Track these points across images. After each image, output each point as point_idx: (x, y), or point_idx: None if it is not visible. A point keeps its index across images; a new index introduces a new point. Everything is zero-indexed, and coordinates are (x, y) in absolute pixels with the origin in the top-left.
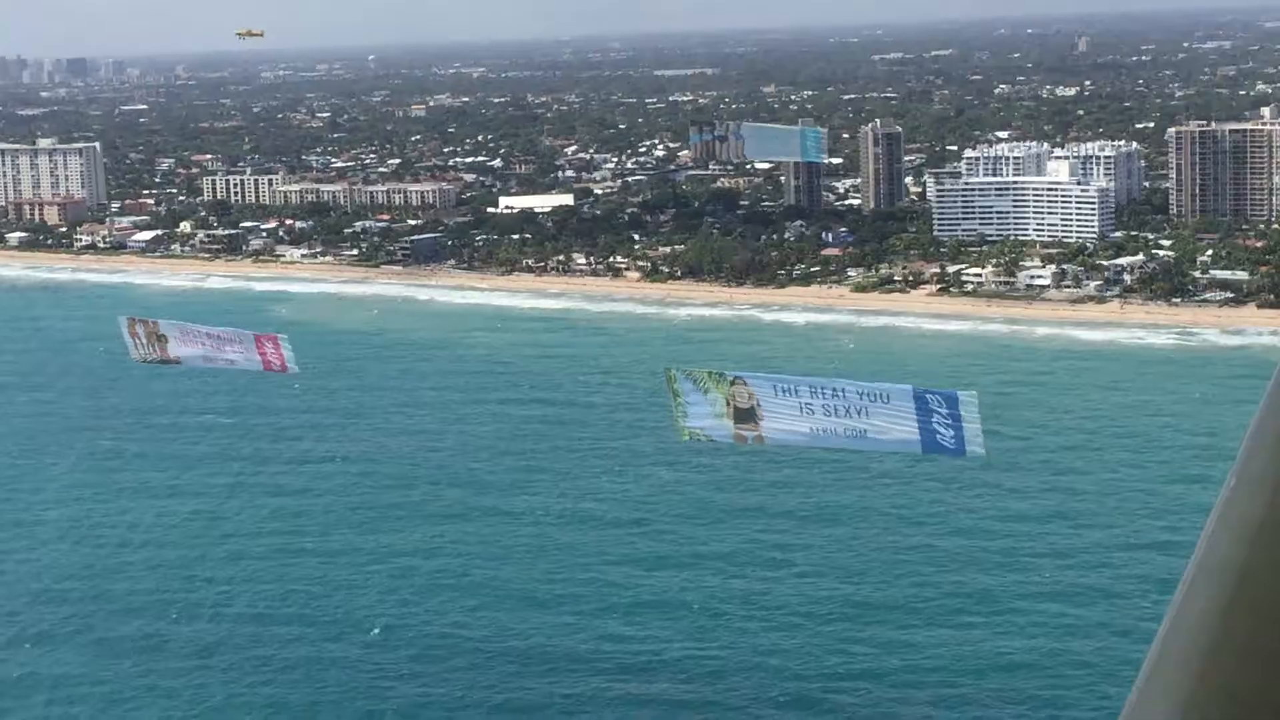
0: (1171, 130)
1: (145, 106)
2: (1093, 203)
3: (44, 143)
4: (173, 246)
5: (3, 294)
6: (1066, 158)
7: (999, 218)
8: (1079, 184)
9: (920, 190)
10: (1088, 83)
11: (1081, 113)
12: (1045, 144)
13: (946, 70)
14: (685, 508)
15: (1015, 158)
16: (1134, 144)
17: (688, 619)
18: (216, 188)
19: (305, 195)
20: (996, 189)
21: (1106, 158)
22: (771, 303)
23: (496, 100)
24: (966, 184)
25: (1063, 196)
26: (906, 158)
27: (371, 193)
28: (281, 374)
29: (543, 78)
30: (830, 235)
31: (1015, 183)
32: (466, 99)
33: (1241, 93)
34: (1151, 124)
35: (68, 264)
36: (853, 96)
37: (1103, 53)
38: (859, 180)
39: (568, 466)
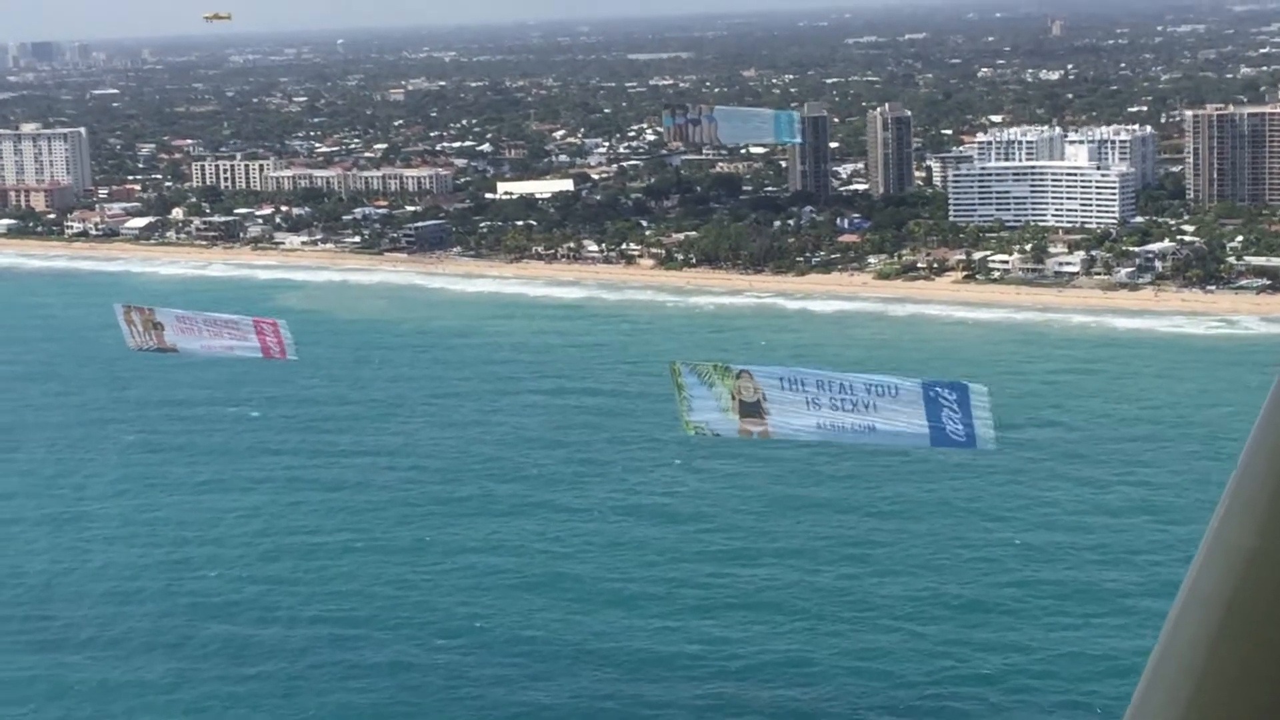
0: (1189, 114)
1: (116, 91)
2: (1113, 188)
3: (27, 128)
4: (168, 234)
5: (1, 283)
6: (1083, 142)
7: (1016, 203)
8: (1099, 169)
9: (924, 175)
10: (1069, 66)
11: (1071, 96)
12: (1057, 128)
13: (924, 54)
14: (751, 502)
15: (1029, 142)
16: (1148, 128)
17: (776, 618)
18: (205, 173)
19: (298, 181)
20: (1014, 174)
21: (1122, 142)
22: (793, 290)
23: (474, 84)
24: (983, 169)
25: (1082, 182)
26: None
27: (366, 178)
28: (282, 360)
29: (515, 62)
30: (846, 221)
31: (1033, 168)
32: (443, 83)
33: (1229, 76)
34: (1145, 108)
35: (61, 251)
36: (836, 80)
37: (1077, 37)
38: (860, 165)
39: (622, 459)
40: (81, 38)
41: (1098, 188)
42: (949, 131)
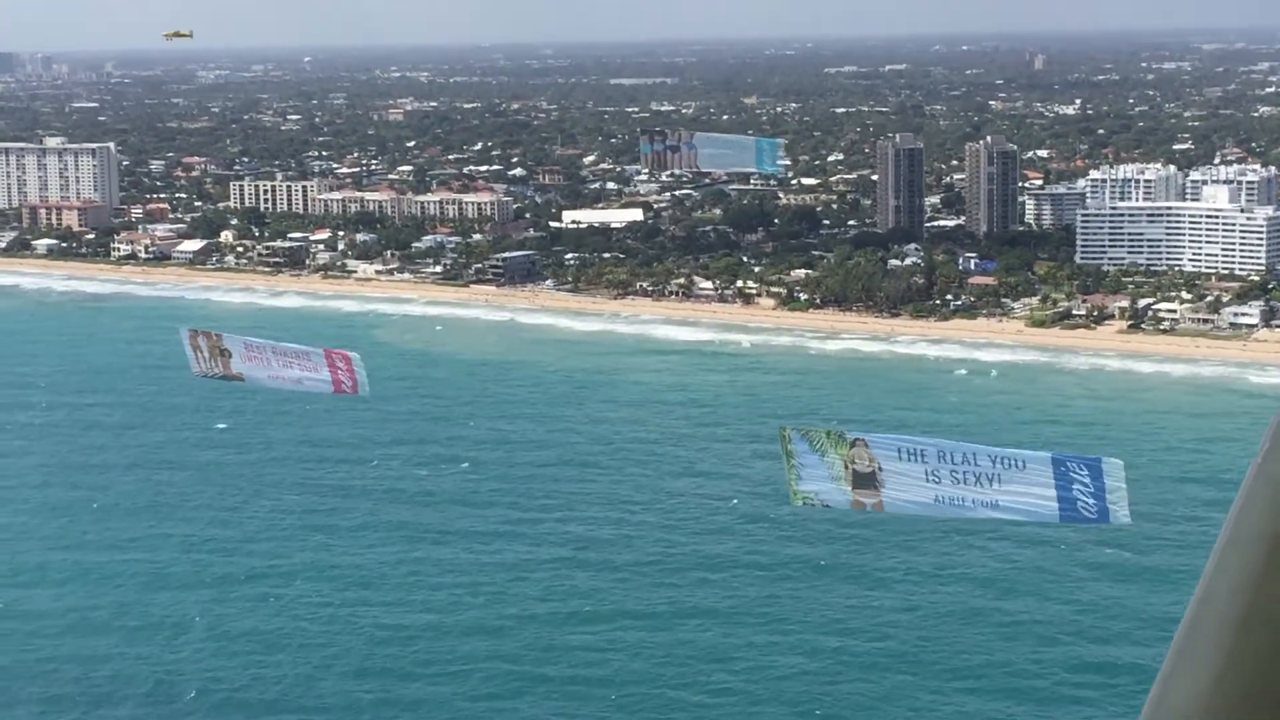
0: None
1: (96, 104)
2: (1260, 231)
3: (52, 142)
4: (225, 258)
5: (63, 309)
6: (1224, 182)
7: (1150, 246)
8: (1242, 210)
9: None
10: (1077, 101)
11: (1101, 132)
12: (1171, 167)
13: (915, 84)
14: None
15: (1146, 181)
16: (1271, 169)
17: None
18: (244, 194)
19: (348, 205)
20: (1149, 215)
21: (1249, 183)
22: (944, 337)
23: (467, 106)
24: (1114, 209)
25: (1224, 224)
26: (957, 177)
27: (422, 203)
28: (353, 395)
29: (495, 84)
30: (971, 262)
31: (1169, 209)
32: (434, 104)
33: (1255, 114)
34: (1190, 146)
35: (112, 275)
36: (847, 110)
37: (1062, 71)
38: (934, 200)
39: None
40: (38, 49)
41: (1242, 231)
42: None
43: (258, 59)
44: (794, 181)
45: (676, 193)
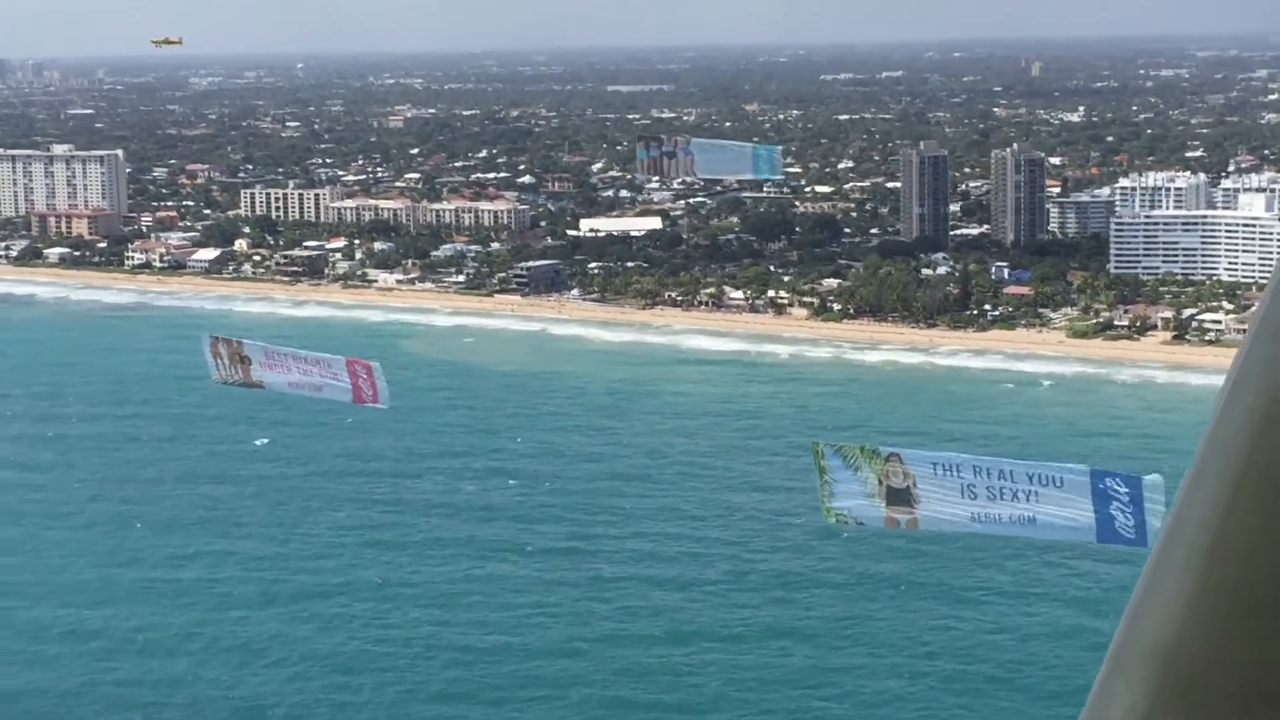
0: None
1: (92, 111)
2: None
3: (59, 149)
4: (243, 267)
5: (84, 319)
6: (1261, 190)
7: (1185, 255)
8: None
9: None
10: (1081, 108)
11: (1110, 139)
12: (1201, 175)
13: (914, 90)
14: None
15: (1177, 189)
16: None
17: None
18: (255, 202)
19: (362, 212)
20: (1184, 224)
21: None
22: (985, 348)
23: (466, 113)
24: (1148, 218)
25: (1262, 233)
26: (973, 184)
27: (437, 211)
28: (374, 405)
29: (492, 91)
30: (1005, 271)
31: (1205, 217)
32: (432, 110)
33: (1263, 121)
34: (1203, 153)
35: (128, 285)
36: (852, 118)
37: (1060, 78)
38: (954, 207)
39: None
40: (29, 55)
41: None
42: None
43: (249, 65)
44: (808, 189)
45: (690, 200)
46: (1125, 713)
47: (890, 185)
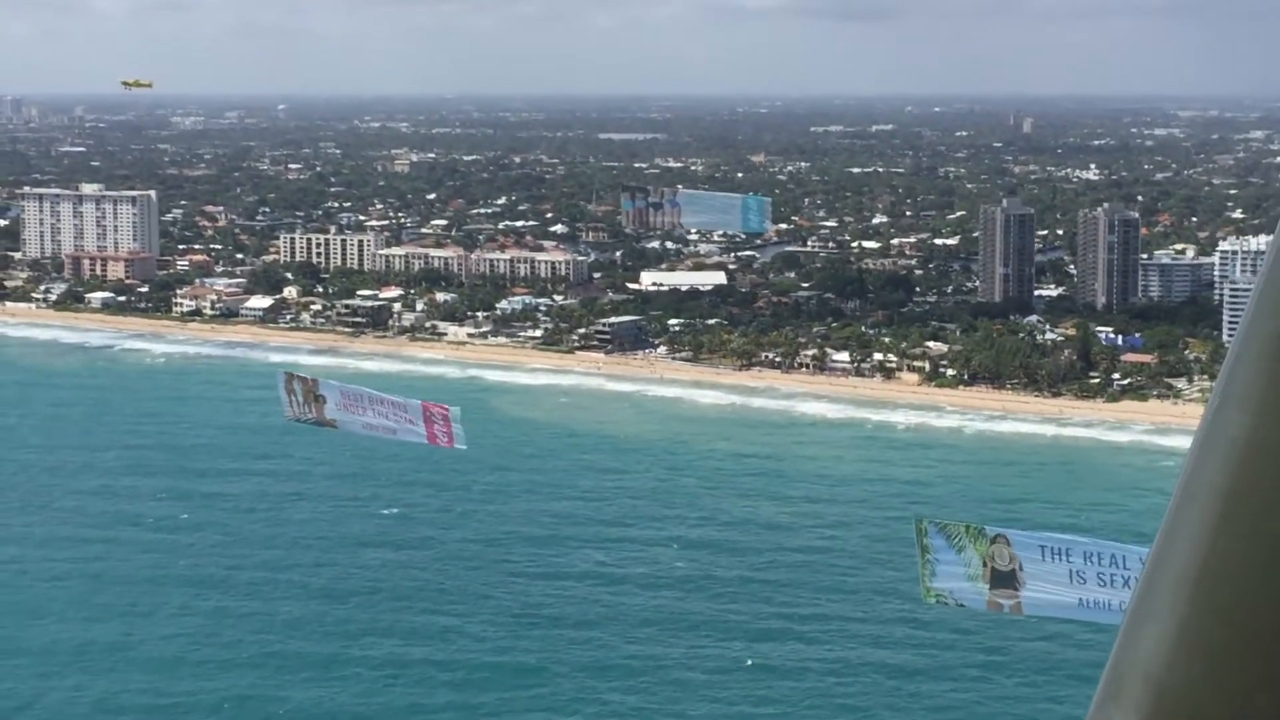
0: None
1: (83, 149)
2: None
3: (89, 189)
4: (301, 316)
5: (149, 370)
6: None
7: None
8: None
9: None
10: (1092, 166)
11: (1141, 198)
12: None
13: (912, 144)
14: None
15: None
16: None
17: None
18: (296, 247)
19: (411, 261)
20: None
21: None
22: (1121, 421)
23: (468, 158)
24: None
25: None
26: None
27: (491, 261)
28: (449, 449)
29: (480, 137)
30: (1120, 338)
31: None
32: (431, 154)
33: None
34: (1241, 214)
35: (182, 334)
36: (861, 171)
37: (1052, 135)
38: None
39: None
40: (5, 91)
41: None
42: (1061, 231)
43: (226, 105)
44: (854, 245)
45: (737, 254)
46: None
47: (937, 242)
